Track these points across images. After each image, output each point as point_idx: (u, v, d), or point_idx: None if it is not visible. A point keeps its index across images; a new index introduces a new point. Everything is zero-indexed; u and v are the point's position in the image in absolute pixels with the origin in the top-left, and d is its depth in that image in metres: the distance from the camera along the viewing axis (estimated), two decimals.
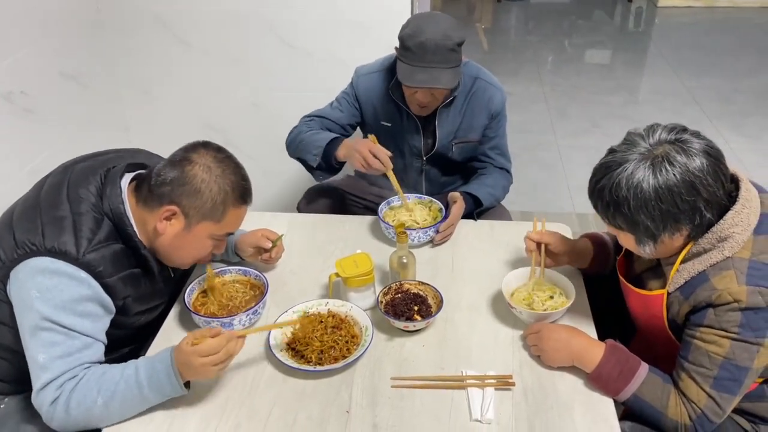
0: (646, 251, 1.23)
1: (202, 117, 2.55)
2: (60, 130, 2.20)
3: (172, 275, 1.46)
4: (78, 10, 2.31)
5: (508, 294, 1.46)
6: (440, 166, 2.00)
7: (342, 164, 1.83)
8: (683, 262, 1.22)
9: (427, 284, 1.51)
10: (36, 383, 1.18)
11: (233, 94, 2.51)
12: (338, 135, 1.86)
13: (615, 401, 1.26)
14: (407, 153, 1.80)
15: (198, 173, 1.25)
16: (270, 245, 1.57)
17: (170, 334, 1.45)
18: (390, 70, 1.89)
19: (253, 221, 1.73)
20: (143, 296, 1.36)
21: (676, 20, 6.17)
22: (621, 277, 1.39)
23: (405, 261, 1.52)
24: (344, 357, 1.34)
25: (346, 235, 1.80)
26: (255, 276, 1.55)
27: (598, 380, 1.27)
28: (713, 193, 1.14)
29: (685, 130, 1.19)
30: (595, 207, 1.24)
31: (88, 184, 1.28)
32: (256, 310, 1.44)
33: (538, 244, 1.49)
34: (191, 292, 1.49)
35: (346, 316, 1.45)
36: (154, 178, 1.27)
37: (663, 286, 1.27)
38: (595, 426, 1.21)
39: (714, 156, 1.15)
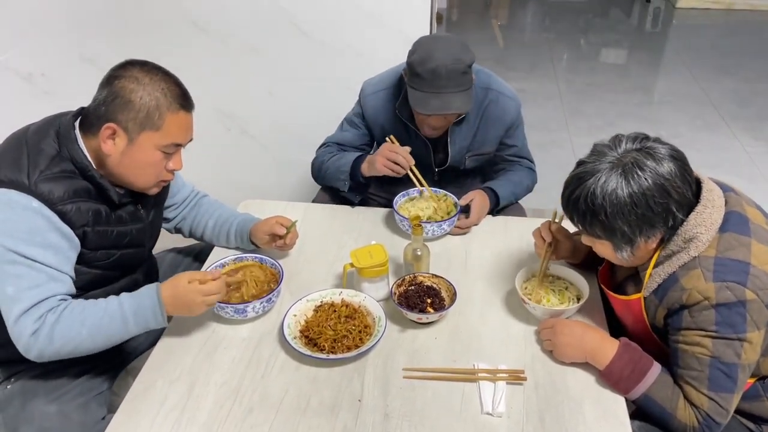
0: (624, 257, 1.26)
1: (218, 104, 2.56)
2: None
3: (142, 213, 1.45)
4: None
5: (521, 289, 1.47)
6: (453, 176, 1.98)
7: (369, 179, 1.82)
8: (655, 266, 1.25)
9: (441, 277, 1.51)
10: (9, 316, 1.21)
11: (250, 82, 2.51)
12: (360, 154, 1.86)
13: (626, 399, 1.27)
14: (419, 168, 1.78)
15: (126, 85, 1.26)
16: (284, 232, 1.58)
17: (185, 319, 1.46)
18: (396, 87, 1.85)
19: (269, 210, 1.75)
20: (108, 232, 1.36)
21: (693, 22, 6.12)
22: (602, 286, 1.42)
23: (419, 253, 1.53)
24: (357, 346, 1.35)
25: (361, 226, 1.81)
26: (270, 264, 1.56)
27: (610, 377, 1.27)
28: (683, 194, 1.19)
29: (647, 138, 1.23)
30: (571, 218, 1.27)
31: (47, 135, 1.30)
32: (270, 298, 1.45)
33: (550, 241, 1.49)
34: None
35: (360, 306, 1.46)
36: (91, 105, 1.31)
37: (640, 291, 1.30)
38: (606, 422, 1.22)
39: (680, 159, 1.21)
